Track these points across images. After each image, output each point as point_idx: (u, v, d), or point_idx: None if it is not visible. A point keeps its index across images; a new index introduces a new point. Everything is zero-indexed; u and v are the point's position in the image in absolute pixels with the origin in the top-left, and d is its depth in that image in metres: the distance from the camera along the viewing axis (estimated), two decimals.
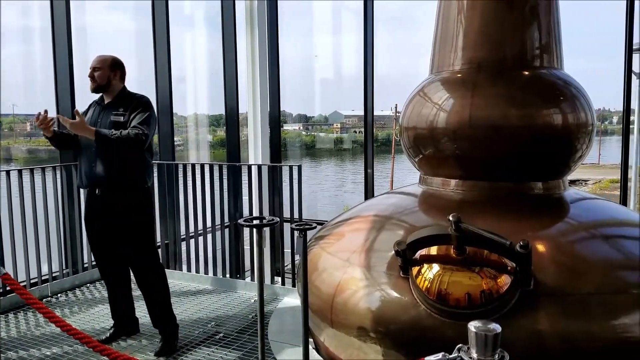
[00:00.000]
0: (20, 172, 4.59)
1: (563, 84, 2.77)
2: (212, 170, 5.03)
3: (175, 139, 8.26)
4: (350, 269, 2.54)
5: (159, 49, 6.65)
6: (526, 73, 2.76)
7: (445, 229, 2.14)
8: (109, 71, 3.47)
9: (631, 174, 9.47)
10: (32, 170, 4.72)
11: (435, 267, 2.22)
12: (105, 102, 3.52)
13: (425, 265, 2.24)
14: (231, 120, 7.99)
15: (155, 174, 5.26)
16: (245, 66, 8.08)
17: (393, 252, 2.30)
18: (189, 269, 5.16)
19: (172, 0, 6.83)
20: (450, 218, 2.09)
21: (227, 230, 5.05)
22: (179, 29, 8.01)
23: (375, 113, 8.85)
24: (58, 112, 5.37)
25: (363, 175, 6.76)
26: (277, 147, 8.17)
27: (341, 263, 2.61)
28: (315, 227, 2.47)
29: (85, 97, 6.41)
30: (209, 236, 5.13)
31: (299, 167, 4.65)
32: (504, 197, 2.72)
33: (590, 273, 2.36)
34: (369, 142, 6.42)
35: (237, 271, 4.98)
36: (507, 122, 2.63)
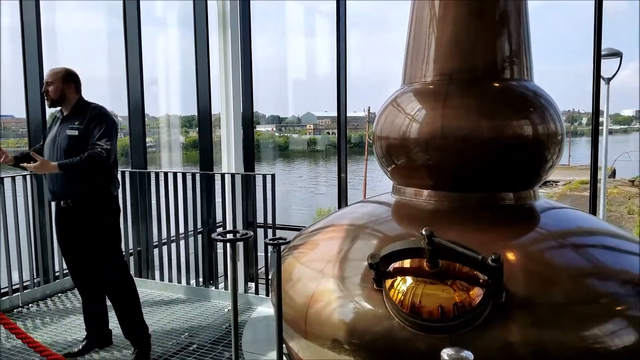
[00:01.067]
0: None
1: (532, 95, 2.81)
2: (185, 178, 4.96)
3: (147, 140, 8.12)
4: (324, 280, 2.52)
5: (130, 49, 6.53)
6: (496, 85, 2.79)
7: (418, 242, 2.14)
8: (62, 84, 3.41)
9: (600, 175, 9.74)
10: (1, 180, 4.60)
11: (409, 280, 2.22)
12: (64, 114, 3.47)
13: (399, 278, 2.24)
14: (204, 121, 7.89)
15: (128, 182, 5.17)
16: (218, 67, 8.01)
17: (367, 263, 2.30)
18: (161, 278, 5.08)
19: (143, 0, 6.72)
20: (423, 232, 2.09)
21: (200, 237, 4.99)
22: (151, 29, 7.87)
23: (348, 114, 8.87)
24: (28, 113, 5.25)
25: (336, 178, 6.76)
26: (250, 149, 8.10)
27: (314, 274, 2.60)
28: (289, 242, 2.45)
29: None
30: (182, 243, 5.07)
31: (273, 176, 4.63)
32: (476, 208, 2.74)
33: (560, 282, 2.40)
34: (342, 146, 6.43)
35: (210, 278, 4.92)
36: (477, 133, 2.65)
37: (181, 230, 5.09)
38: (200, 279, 4.98)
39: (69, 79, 3.44)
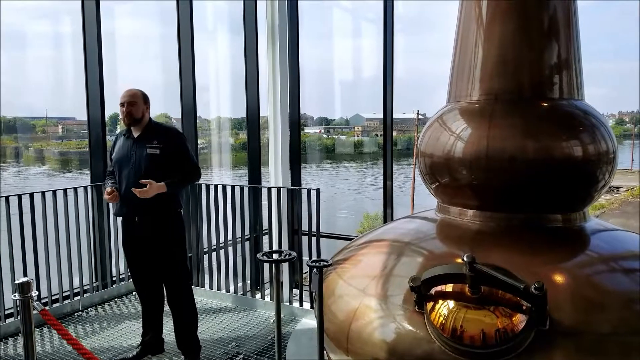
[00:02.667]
0: (54, 192, 4.86)
1: (582, 114, 2.73)
2: (234, 191, 5.14)
3: (199, 141, 8.39)
4: (367, 299, 2.57)
5: (184, 54, 6.77)
6: (544, 104, 2.73)
7: (460, 267, 2.15)
8: (144, 105, 3.60)
9: None
10: (65, 191, 4.93)
11: (450, 304, 2.23)
12: (135, 134, 3.63)
13: (440, 302, 2.26)
14: (252, 123, 8.08)
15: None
16: (266, 70, 8.16)
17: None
18: (211, 286, 5.28)
19: (196, 7, 6.93)
20: (465, 258, 2.10)
21: (247, 244, 5.15)
22: (203, 34, 8.11)
23: (396, 116, 8.83)
24: (88, 115, 5.54)
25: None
26: (297, 151, 8.22)
27: (357, 292, 2.64)
28: (331, 264, 2.50)
29: (114, 100, 6.57)
30: (230, 249, 5.24)
31: (317, 191, 4.69)
32: (522, 229, 2.70)
33: (608, 309, 2.33)
34: (388, 153, 6.41)
35: (257, 283, 5.06)
36: (523, 153, 2.61)
37: (230, 237, 5.26)
38: (248, 284, 5.13)
39: (148, 100, 3.67)
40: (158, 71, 7.66)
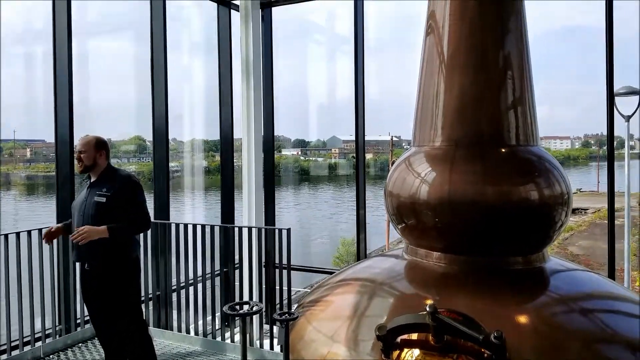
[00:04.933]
0: (18, 235, 4.75)
1: (537, 159, 2.87)
2: (204, 230, 5.13)
3: (172, 164, 8.33)
4: (335, 346, 2.59)
5: (156, 75, 6.74)
6: (502, 150, 2.85)
7: (423, 317, 2.20)
8: (95, 152, 3.62)
9: (625, 201, 9.53)
10: (29, 233, 4.81)
11: (415, 352, 2.27)
12: (92, 180, 3.66)
13: (406, 350, 2.29)
14: (226, 146, 8.06)
15: (149, 233, 5.27)
16: (241, 92, 8.19)
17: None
18: (179, 329, 5.19)
19: (170, 28, 6.94)
20: (427, 308, 2.14)
21: (217, 279, 5.13)
22: (177, 56, 8.10)
23: (372, 138, 8.94)
24: (56, 137, 5.45)
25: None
26: (270, 174, 8.23)
27: (325, 339, 2.66)
28: (297, 317, 2.52)
29: (83, 122, 6.48)
30: (200, 285, 5.20)
31: (288, 231, 4.72)
32: (486, 272, 2.78)
33: (568, 349, 2.42)
34: (360, 180, 6.49)
35: (226, 319, 5.03)
36: (483, 198, 2.71)
37: (199, 273, 5.23)
38: (217, 324, 5.09)
39: (101, 147, 3.67)
40: (132, 92, 7.60)
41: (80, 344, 5.09)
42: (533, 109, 2.96)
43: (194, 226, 5.12)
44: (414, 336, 2.30)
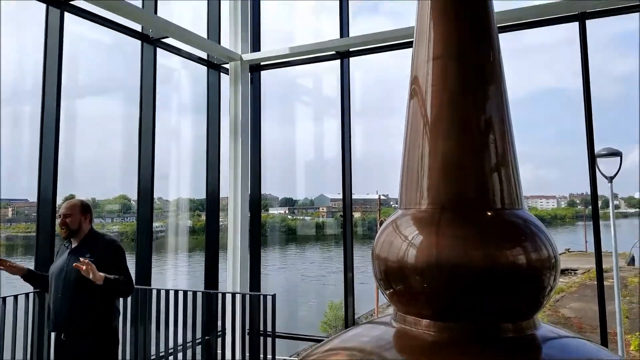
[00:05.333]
0: None
1: (523, 223, 2.82)
2: (186, 296, 4.97)
3: (156, 224, 8.17)
4: None
5: (144, 134, 6.74)
6: (488, 213, 2.80)
7: None
8: (80, 215, 3.55)
9: (614, 262, 9.47)
10: (4, 300, 4.59)
11: None
12: (73, 245, 3.55)
13: None
14: (212, 205, 7.97)
15: (130, 299, 5.10)
16: (228, 151, 8.21)
17: None
18: None
19: (159, 88, 7.02)
20: None
21: (199, 348, 4.89)
22: (166, 114, 8.16)
23: (360, 197, 8.87)
24: (39, 197, 5.33)
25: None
26: (256, 234, 8.10)
27: None
28: None
29: (67, 181, 6.36)
30: (180, 355, 4.96)
31: (273, 297, 4.59)
32: (475, 340, 2.65)
33: None
34: (348, 242, 6.40)
35: None
36: (471, 263, 2.62)
37: (180, 342, 5.00)
38: None
39: (86, 210, 3.61)
40: (118, 151, 7.57)
41: None
42: (516, 171, 2.95)
43: (176, 292, 4.95)
44: None
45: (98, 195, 9.11)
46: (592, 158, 6.17)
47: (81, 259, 3.32)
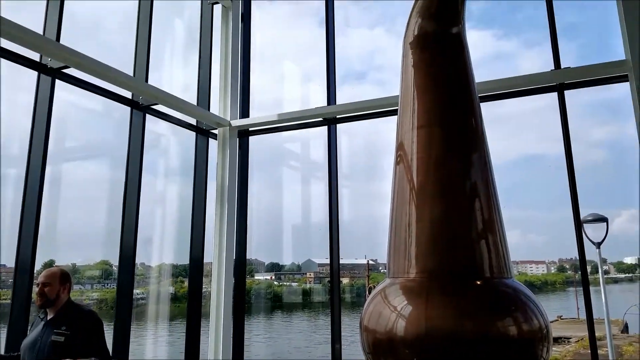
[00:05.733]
0: None
1: (513, 292, 2.77)
2: None
3: (137, 291, 7.89)
4: None
5: (129, 199, 6.66)
6: (478, 283, 2.75)
7: None
8: (59, 285, 3.43)
9: (607, 330, 9.26)
10: None
11: None
12: (49, 317, 3.40)
13: None
14: (195, 270, 7.76)
15: None
16: (214, 215, 8.11)
17: None
18: None
19: (146, 149, 7.02)
20: None
21: None
22: (151, 177, 8.11)
23: (348, 261, 8.69)
24: (17, 263, 5.15)
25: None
26: (240, 301, 7.84)
27: None
28: None
29: (46, 248, 6.15)
30: None
31: None
32: None
33: None
34: (335, 310, 6.20)
35: None
36: (461, 334, 2.55)
37: None
38: None
39: (66, 280, 3.49)
40: (102, 215, 7.45)
41: None
42: (504, 239, 2.92)
43: None
44: None
45: (79, 261, 8.84)
46: (579, 224, 6.20)
47: None
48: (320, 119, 7.69)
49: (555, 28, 6.60)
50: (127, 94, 6.78)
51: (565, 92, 6.43)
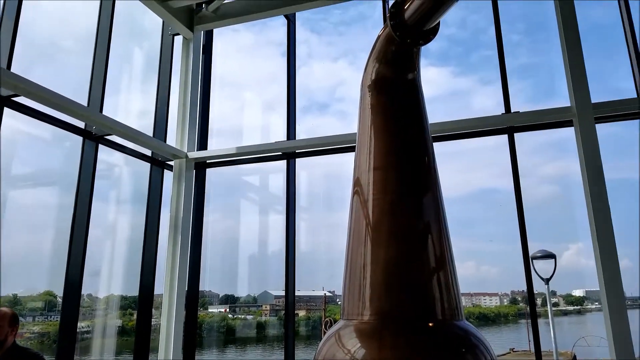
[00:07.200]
0: None
1: (464, 334, 2.83)
2: None
3: (82, 324, 7.52)
4: None
5: (78, 227, 6.42)
6: (430, 325, 2.79)
7: None
8: (8, 327, 3.30)
9: None
10: None
11: None
12: None
13: None
14: (144, 303, 7.50)
15: None
16: (166, 245, 7.90)
17: None
18: None
19: (98, 176, 6.82)
20: None
21: None
22: (102, 204, 7.85)
23: (305, 293, 8.63)
24: None
25: None
26: (191, 335, 7.60)
27: None
28: None
29: None
30: None
31: None
32: None
33: None
34: (289, 346, 6.11)
35: None
36: None
37: None
38: None
39: (15, 322, 3.36)
40: (47, 244, 7.15)
41: None
42: (455, 281, 2.99)
43: None
44: None
45: (21, 292, 8.38)
46: (527, 260, 6.41)
47: None
48: (280, 153, 7.72)
49: (505, 72, 6.95)
50: (80, 124, 6.61)
51: (515, 134, 6.73)
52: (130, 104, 8.43)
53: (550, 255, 7.60)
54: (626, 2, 6.63)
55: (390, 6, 3.04)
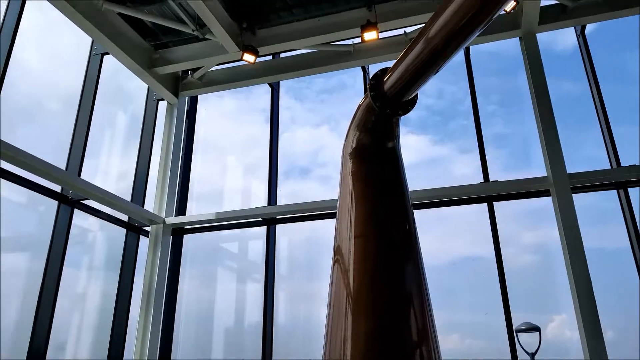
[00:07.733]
0: None
1: None
2: None
3: None
4: None
5: (45, 294, 6.12)
6: None
7: None
8: None
9: None
10: None
11: None
12: None
13: None
14: None
15: None
16: (139, 312, 7.54)
17: None
18: None
19: (70, 246, 6.62)
20: None
21: None
22: (73, 269, 7.54)
23: None
24: None
25: None
26: None
27: None
28: None
29: None
30: None
31: None
32: None
33: None
34: None
35: None
36: None
37: None
38: None
39: None
40: (12, 312, 6.78)
41: None
42: (437, 350, 2.85)
43: None
44: None
45: None
46: (511, 333, 6.26)
47: None
48: (260, 219, 7.63)
49: (482, 141, 7.13)
50: (57, 187, 6.48)
51: (494, 203, 6.79)
52: (110, 167, 8.35)
53: (535, 328, 7.44)
54: (595, 78, 6.97)
55: (370, 78, 3.11)
